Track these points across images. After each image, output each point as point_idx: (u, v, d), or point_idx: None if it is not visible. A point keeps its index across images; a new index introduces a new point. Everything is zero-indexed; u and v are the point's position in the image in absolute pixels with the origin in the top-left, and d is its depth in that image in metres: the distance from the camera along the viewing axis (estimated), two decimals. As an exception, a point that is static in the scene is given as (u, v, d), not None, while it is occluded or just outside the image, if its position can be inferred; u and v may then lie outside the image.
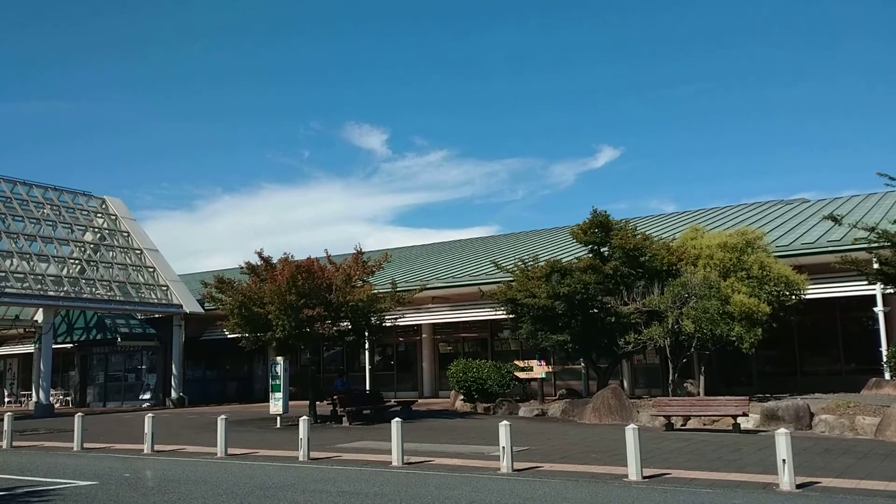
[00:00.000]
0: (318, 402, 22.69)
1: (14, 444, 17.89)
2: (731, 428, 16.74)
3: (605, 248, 22.66)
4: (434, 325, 31.43)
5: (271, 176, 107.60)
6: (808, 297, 21.15)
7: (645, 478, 10.70)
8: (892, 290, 19.90)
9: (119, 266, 34.27)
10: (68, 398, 38.10)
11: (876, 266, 19.14)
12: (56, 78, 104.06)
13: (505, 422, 12.01)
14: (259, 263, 22.06)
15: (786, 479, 9.77)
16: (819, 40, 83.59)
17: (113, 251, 34.92)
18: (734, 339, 19.37)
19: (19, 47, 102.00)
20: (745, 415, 16.77)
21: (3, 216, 31.67)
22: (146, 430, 15.88)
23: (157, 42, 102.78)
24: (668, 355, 20.88)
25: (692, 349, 20.44)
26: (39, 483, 11.70)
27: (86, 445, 16.91)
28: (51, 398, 31.74)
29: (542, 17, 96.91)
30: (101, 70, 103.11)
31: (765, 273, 20.07)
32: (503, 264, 24.70)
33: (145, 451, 15.64)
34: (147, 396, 34.56)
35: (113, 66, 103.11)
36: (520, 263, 23.66)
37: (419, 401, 27.19)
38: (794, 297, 20.57)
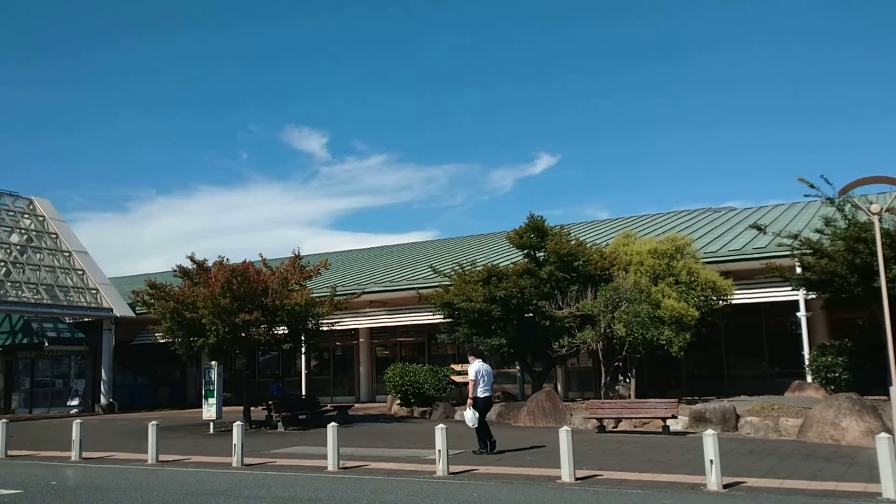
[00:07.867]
0: (252, 408, 22.45)
1: (-67, 452, 17.25)
2: (660, 430, 17.16)
3: (541, 253, 22.99)
4: (371, 329, 31.34)
5: (208, 178, 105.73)
6: (734, 302, 21.83)
7: (578, 479, 10.91)
8: (814, 296, 20.69)
9: (47, 268, 33.25)
10: (-9, 404, 36.81)
11: (799, 272, 19.88)
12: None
13: (441, 425, 12.10)
14: (192, 267, 21.70)
15: (713, 479, 10.08)
16: (751, 46, 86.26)
17: (40, 253, 33.87)
18: (664, 342, 19.89)
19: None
20: (674, 417, 17.23)
21: (-78, 216, 30.46)
22: (74, 437, 15.50)
23: (96, 31, 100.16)
24: (601, 359, 21.26)
25: (624, 352, 20.90)
26: (-40, 493, 11.32)
27: (10, 453, 16.42)
28: (-28, 405, 30.61)
29: (487, 30, 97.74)
30: (37, 60, 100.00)
31: (693, 278, 20.66)
32: (441, 269, 24.83)
33: (73, 458, 15.26)
34: (75, 402, 33.64)
35: (48, 56, 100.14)
36: (457, 268, 23.81)
37: (356, 405, 27.14)
38: (721, 301, 21.25)
